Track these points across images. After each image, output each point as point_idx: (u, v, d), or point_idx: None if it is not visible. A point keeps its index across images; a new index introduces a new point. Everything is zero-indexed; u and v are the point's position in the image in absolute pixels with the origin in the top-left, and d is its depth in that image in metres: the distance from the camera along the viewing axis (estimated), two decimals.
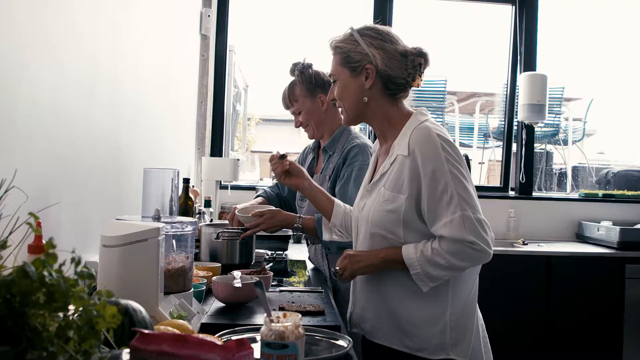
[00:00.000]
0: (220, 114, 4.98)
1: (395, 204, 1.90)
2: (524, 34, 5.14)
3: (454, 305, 1.91)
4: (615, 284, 4.34)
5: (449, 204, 1.81)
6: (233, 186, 4.65)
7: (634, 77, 5.91)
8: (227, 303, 2.08)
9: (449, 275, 1.87)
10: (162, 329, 1.44)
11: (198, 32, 4.49)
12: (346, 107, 2.06)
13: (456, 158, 1.86)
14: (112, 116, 2.37)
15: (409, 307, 1.93)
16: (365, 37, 1.99)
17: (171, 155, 3.62)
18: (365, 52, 1.97)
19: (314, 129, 2.97)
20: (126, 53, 2.54)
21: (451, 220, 1.80)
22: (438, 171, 1.83)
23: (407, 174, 1.88)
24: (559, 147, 6.02)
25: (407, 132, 1.92)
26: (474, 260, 1.85)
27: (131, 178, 2.64)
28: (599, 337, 4.33)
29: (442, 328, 1.90)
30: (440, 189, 1.82)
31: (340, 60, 2.02)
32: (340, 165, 2.83)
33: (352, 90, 2.02)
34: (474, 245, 1.80)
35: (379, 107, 2.02)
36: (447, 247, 1.81)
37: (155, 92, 3.11)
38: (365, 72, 1.98)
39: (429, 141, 1.86)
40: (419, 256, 1.84)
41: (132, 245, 1.61)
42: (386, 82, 1.98)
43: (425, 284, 1.87)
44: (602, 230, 4.67)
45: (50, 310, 1.02)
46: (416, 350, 1.92)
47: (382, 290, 1.98)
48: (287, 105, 2.99)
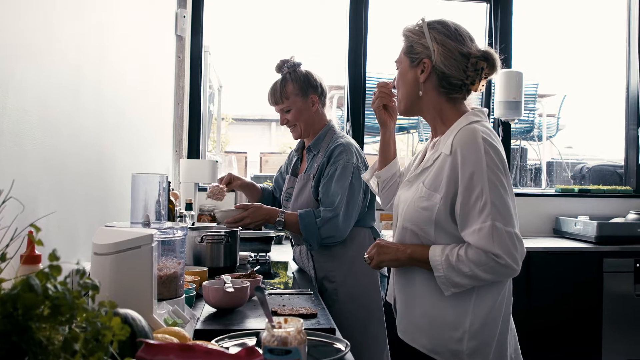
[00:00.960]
0: (196, 115, 4.94)
1: (429, 202, 1.88)
2: (499, 32, 5.18)
3: (475, 315, 1.88)
4: (594, 278, 4.39)
5: (481, 212, 1.78)
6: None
7: (605, 73, 5.99)
8: (218, 308, 2.06)
9: (472, 284, 1.84)
10: (159, 337, 1.42)
11: (173, 33, 4.45)
12: (401, 96, 2.04)
13: (498, 165, 1.81)
14: (95, 121, 2.33)
15: (431, 307, 1.93)
16: (432, 30, 1.96)
17: (151, 159, 3.58)
18: (427, 46, 1.94)
19: (302, 129, 2.96)
20: (108, 56, 2.50)
21: (480, 228, 1.78)
22: (476, 175, 1.79)
23: (446, 173, 1.85)
24: (533, 143, 6.07)
25: (454, 131, 1.89)
26: (496, 273, 1.81)
27: (114, 183, 2.60)
28: (579, 330, 4.38)
29: (461, 336, 1.87)
30: (475, 194, 1.79)
31: (405, 48, 2.02)
32: (324, 164, 2.83)
33: (408, 80, 2.00)
34: (499, 259, 1.77)
35: (432, 101, 1.99)
36: (472, 256, 1.79)
37: (136, 95, 3.07)
38: (422, 65, 1.96)
39: (473, 144, 1.82)
40: (444, 260, 1.83)
41: (125, 253, 1.59)
42: (441, 79, 1.95)
43: (447, 288, 1.86)
44: (579, 225, 4.72)
45: (56, 323, 1.00)
46: (431, 351, 1.92)
47: (411, 284, 2.00)
48: (277, 101, 2.94)
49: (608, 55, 5.90)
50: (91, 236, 2.14)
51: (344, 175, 2.76)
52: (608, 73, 5.91)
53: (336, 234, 2.73)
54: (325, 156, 2.84)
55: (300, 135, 3.01)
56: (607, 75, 5.93)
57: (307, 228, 2.73)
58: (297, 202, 2.92)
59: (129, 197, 2.58)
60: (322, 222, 2.71)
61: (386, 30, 5.36)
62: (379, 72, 5.21)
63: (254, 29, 5.95)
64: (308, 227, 2.73)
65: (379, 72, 5.21)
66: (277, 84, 2.94)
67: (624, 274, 4.42)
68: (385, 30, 5.32)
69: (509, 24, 5.19)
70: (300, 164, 3.12)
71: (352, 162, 2.79)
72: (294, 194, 2.96)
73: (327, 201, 2.74)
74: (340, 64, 5.12)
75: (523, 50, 5.32)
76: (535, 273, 4.33)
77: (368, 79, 5.09)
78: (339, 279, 2.80)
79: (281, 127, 3.05)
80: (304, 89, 2.91)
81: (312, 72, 2.95)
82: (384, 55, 5.29)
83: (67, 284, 1.01)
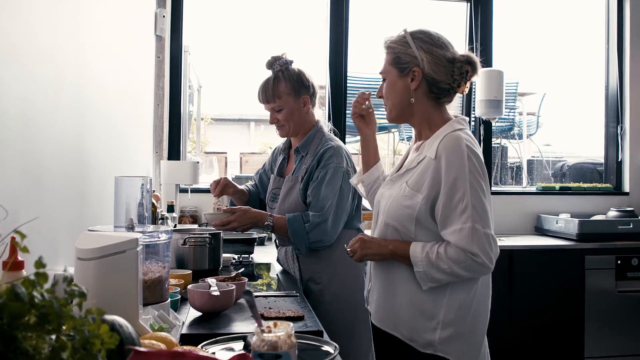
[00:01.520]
0: (176, 116, 4.90)
1: (412, 201, 1.99)
2: (480, 31, 5.19)
3: (448, 307, 2.00)
4: (576, 275, 4.42)
5: (462, 213, 1.90)
6: (193, 189, 4.58)
7: (584, 71, 6.02)
8: (203, 312, 2.04)
9: (449, 280, 1.96)
10: (146, 344, 1.40)
11: (153, 33, 4.41)
12: (391, 105, 2.14)
13: (479, 171, 1.95)
14: (76, 122, 2.30)
15: (410, 299, 2.04)
16: (416, 40, 2.06)
17: (132, 160, 3.54)
18: (414, 55, 2.05)
19: (291, 129, 2.90)
20: (88, 57, 2.47)
21: (461, 229, 1.90)
22: (459, 180, 1.92)
23: (429, 176, 1.97)
24: (513, 141, 6.09)
25: (439, 137, 2.01)
26: (473, 271, 1.94)
27: (95, 185, 2.57)
28: (561, 327, 4.41)
29: (435, 326, 2.00)
30: (457, 196, 1.91)
31: (391, 60, 2.11)
32: (314, 167, 2.80)
33: (398, 90, 2.10)
34: (476, 258, 1.89)
35: (421, 107, 2.10)
36: (451, 255, 1.91)
37: (116, 96, 3.03)
38: (412, 74, 2.06)
39: (457, 150, 1.94)
40: (424, 257, 1.95)
41: (110, 258, 1.55)
42: (431, 85, 2.06)
43: (425, 283, 1.98)
44: (561, 223, 4.75)
45: (43, 332, 0.97)
46: (408, 339, 2.04)
47: (391, 277, 2.10)
48: (269, 100, 2.86)
49: (587, 53, 5.93)
50: (72, 240, 2.11)
51: (334, 179, 2.74)
52: (587, 71, 5.94)
53: (324, 238, 2.72)
54: (315, 159, 2.80)
55: (288, 135, 2.97)
56: (586, 74, 5.96)
57: (296, 233, 2.71)
58: (284, 203, 2.88)
59: (109, 200, 2.55)
60: (310, 227, 2.69)
61: (367, 29, 5.35)
62: (360, 71, 5.20)
63: (233, 28, 5.91)
64: (297, 232, 2.71)
65: (360, 72, 5.20)
66: (269, 82, 2.86)
67: (605, 271, 4.45)
68: (366, 30, 5.31)
69: (489, 23, 5.21)
70: (286, 164, 3.07)
71: (342, 167, 2.76)
72: (281, 196, 2.91)
73: (317, 205, 2.72)
74: (321, 63, 5.11)
75: (503, 49, 5.32)
76: (518, 271, 4.34)
77: (349, 78, 5.08)
78: (325, 280, 2.78)
79: (260, 126, 3.02)
80: (296, 89, 2.85)
81: (304, 71, 2.90)
82: (365, 54, 5.28)
83: (54, 292, 0.98)
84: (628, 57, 5.33)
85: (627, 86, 5.33)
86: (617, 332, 4.46)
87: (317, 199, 2.72)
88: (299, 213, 2.74)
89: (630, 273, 4.48)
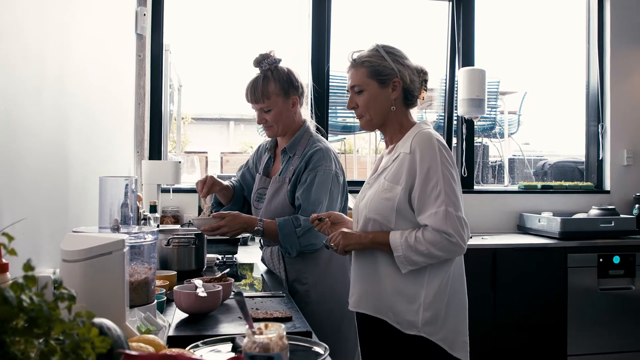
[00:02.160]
0: (158, 115, 4.85)
1: (392, 193, 2.16)
2: (462, 30, 5.19)
3: (427, 290, 2.17)
4: (559, 273, 4.45)
5: (436, 198, 2.09)
6: (175, 189, 4.54)
7: (565, 70, 6.05)
8: (190, 313, 2.01)
9: (427, 262, 2.12)
10: (134, 347, 1.37)
11: (134, 31, 4.36)
12: (372, 114, 2.30)
13: (450, 161, 2.15)
14: (58, 120, 2.26)
15: (392, 284, 2.19)
16: (390, 54, 2.27)
17: (114, 160, 3.50)
18: (392, 67, 2.25)
19: (279, 130, 2.86)
20: (71, 55, 2.43)
21: (436, 212, 2.08)
22: (432, 169, 2.11)
23: (405, 168, 2.15)
24: (494, 140, 6.11)
25: (411, 135, 2.22)
26: (449, 251, 2.11)
27: (77, 185, 2.53)
28: (544, 325, 4.43)
29: (417, 308, 2.16)
30: (431, 184, 2.10)
31: (368, 72, 2.27)
32: (301, 169, 2.76)
33: (381, 100, 2.27)
34: (451, 238, 2.07)
35: (397, 114, 2.30)
36: (428, 237, 2.08)
37: (98, 95, 2.99)
38: (392, 85, 2.26)
39: (429, 144, 2.14)
40: (403, 242, 2.11)
41: (96, 259, 1.52)
42: (406, 94, 2.29)
43: (404, 266, 2.13)
44: (543, 221, 4.76)
45: (32, 337, 0.95)
46: (394, 322, 2.18)
47: (372, 265, 2.24)
48: (257, 100, 2.80)
49: (568, 52, 5.96)
50: (55, 241, 2.08)
51: (325, 182, 2.71)
52: (568, 70, 5.97)
53: (316, 241, 2.69)
54: (303, 160, 2.76)
55: (276, 136, 2.93)
56: (567, 73, 5.99)
57: (287, 237, 2.67)
58: (270, 204, 2.84)
59: (91, 200, 2.51)
60: (302, 231, 2.65)
61: (349, 28, 5.33)
62: (342, 70, 5.18)
63: (213, 26, 5.87)
64: (288, 236, 2.67)
65: (342, 71, 5.19)
66: (258, 82, 2.80)
67: (587, 269, 4.48)
68: (348, 28, 5.30)
69: (471, 22, 5.22)
70: (272, 164, 3.02)
71: (332, 169, 2.74)
72: (268, 197, 2.87)
73: (308, 209, 2.67)
74: (303, 62, 5.09)
75: (484, 48, 5.33)
76: (501, 269, 4.36)
77: (332, 77, 5.06)
78: (311, 280, 2.76)
79: (240, 126, 2.98)
80: (285, 89, 2.80)
81: (293, 70, 2.85)
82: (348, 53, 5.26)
83: (43, 295, 0.95)
84: (609, 56, 5.37)
85: (607, 85, 5.36)
86: (600, 330, 4.49)
87: (307, 203, 2.69)
88: (289, 217, 2.71)
89: (612, 271, 4.52)
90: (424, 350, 2.16)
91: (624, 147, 5.35)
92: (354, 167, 6.19)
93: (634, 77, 5.40)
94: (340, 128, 5.57)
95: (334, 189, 2.75)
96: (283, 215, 2.75)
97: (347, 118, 5.59)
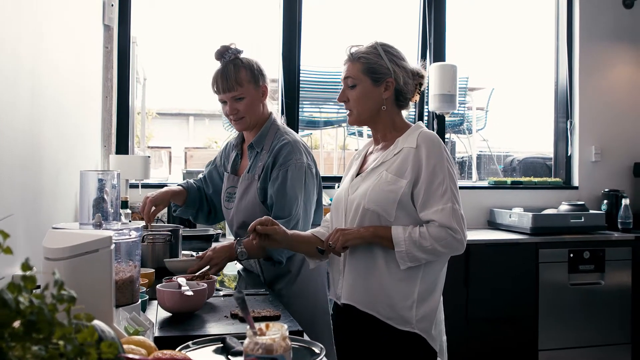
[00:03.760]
0: (125, 109, 4.73)
1: (396, 186, 2.13)
2: (433, 25, 5.17)
3: (421, 286, 2.16)
4: (530, 268, 4.46)
5: (443, 195, 2.08)
6: (144, 185, 4.43)
7: (533, 67, 6.08)
8: (174, 312, 1.94)
9: (428, 259, 2.12)
10: (126, 349, 1.30)
11: (101, 22, 4.24)
12: (361, 110, 2.27)
13: (452, 161, 2.17)
14: (31, 114, 2.16)
15: (387, 280, 2.16)
16: (387, 53, 2.24)
17: (84, 155, 3.39)
18: (387, 67, 2.23)
19: (251, 122, 2.73)
20: (45, 46, 2.33)
21: (443, 209, 2.07)
22: (438, 166, 2.11)
23: (411, 162, 2.13)
24: (461, 136, 6.11)
25: (414, 133, 2.21)
26: (452, 248, 2.10)
27: (50, 180, 2.43)
28: (516, 320, 4.44)
29: (411, 304, 2.14)
30: (438, 181, 2.09)
31: (363, 69, 2.24)
32: (270, 164, 2.65)
33: (372, 98, 2.25)
34: (456, 234, 2.07)
35: (388, 114, 2.28)
36: (433, 233, 2.06)
37: (69, 88, 2.89)
38: (385, 84, 2.24)
39: (435, 143, 2.15)
40: (407, 237, 2.08)
41: (82, 257, 1.44)
42: (398, 95, 2.27)
43: (404, 262, 2.10)
44: (514, 217, 4.77)
45: (32, 342, 0.87)
46: (386, 318, 2.15)
47: (368, 261, 2.19)
48: (230, 88, 2.65)
49: (536, 49, 5.99)
50: (31, 238, 1.99)
51: (298, 178, 2.61)
52: (536, 67, 6.00)
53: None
54: (271, 155, 2.66)
55: (246, 128, 2.78)
56: (536, 70, 6.02)
57: (274, 249, 2.53)
58: (241, 203, 2.74)
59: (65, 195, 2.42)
60: None
61: (320, 22, 5.28)
62: (312, 64, 5.13)
63: (181, 18, 5.75)
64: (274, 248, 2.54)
65: (312, 65, 5.13)
66: (228, 69, 2.66)
67: (558, 264, 4.50)
68: (319, 22, 5.24)
69: (442, 18, 5.20)
70: (240, 161, 2.90)
71: (303, 162, 2.65)
72: (238, 195, 2.77)
73: (284, 210, 2.58)
74: (273, 56, 5.01)
75: (453, 44, 5.32)
76: (474, 264, 4.35)
77: (302, 71, 5.00)
78: (288, 279, 2.69)
79: (204, 120, 2.88)
80: (256, 77, 2.69)
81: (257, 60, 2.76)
82: (318, 47, 5.21)
83: (44, 298, 0.88)
84: (578, 52, 5.40)
85: (576, 81, 5.40)
86: (570, 324, 4.52)
87: (283, 203, 2.59)
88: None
89: (582, 266, 4.54)
90: (414, 346, 2.15)
91: (592, 143, 5.39)
92: (320, 163, 6.14)
93: (602, 74, 5.44)
94: (306, 123, 5.49)
95: (309, 182, 2.67)
96: (254, 213, 2.59)
97: (314, 113, 5.53)
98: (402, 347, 2.15)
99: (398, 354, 2.16)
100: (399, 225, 2.12)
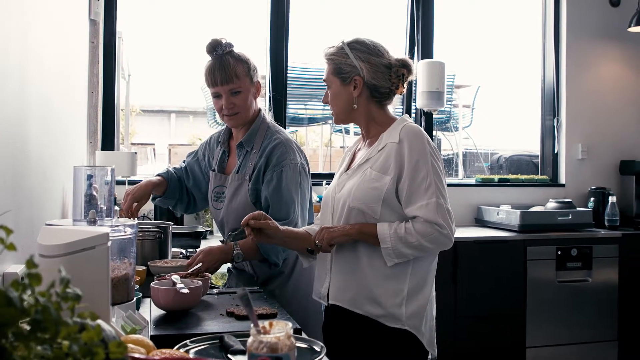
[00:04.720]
0: (110, 105, 4.68)
1: (380, 183, 2.12)
2: (421, 22, 5.16)
3: (411, 284, 2.14)
4: (518, 265, 4.47)
5: (427, 190, 2.06)
6: (130, 181, 4.38)
7: (519, 65, 6.09)
8: (168, 310, 1.90)
9: (415, 254, 2.10)
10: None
11: (87, 17, 4.18)
12: (337, 111, 2.29)
13: (437, 155, 2.15)
14: (20, 109, 2.11)
15: (375, 278, 2.14)
16: (354, 50, 2.22)
17: (70, 151, 3.34)
18: (354, 65, 2.21)
19: (244, 118, 2.67)
20: (30, 39, 2.28)
21: (427, 204, 2.05)
22: (421, 161, 2.08)
23: (393, 158, 2.12)
24: (448, 133, 6.11)
25: (398, 127, 2.19)
26: (439, 243, 2.08)
27: (38, 176, 2.38)
28: (504, 317, 4.45)
29: (400, 301, 2.13)
30: (421, 176, 2.07)
31: (332, 70, 2.25)
32: (262, 165, 2.59)
33: (343, 97, 2.25)
34: (442, 229, 2.04)
35: (366, 111, 2.27)
36: (419, 228, 2.04)
37: (55, 83, 2.83)
38: (353, 83, 2.22)
39: (418, 136, 2.13)
40: (392, 233, 2.07)
41: (78, 254, 1.42)
42: (372, 90, 2.24)
43: (391, 259, 2.09)
44: (502, 214, 4.77)
45: (38, 342, 0.84)
46: (377, 316, 2.14)
47: (355, 260, 2.18)
48: (229, 79, 2.57)
49: (523, 47, 5.99)
50: (21, 235, 1.95)
51: (293, 178, 2.57)
52: (523, 65, 6.00)
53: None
54: (263, 156, 2.60)
55: (240, 125, 2.71)
56: (522, 67, 6.02)
57: (270, 251, 2.53)
58: (231, 204, 2.67)
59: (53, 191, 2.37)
60: None
61: (308, 19, 5.25)
62: (301, 61, 5.10)
63: (167, 14, 5.70)
64: (270, 250, 2.53)
65: (300, 62, 5.11)
66: (226, 60, 2.58)
67: (546, 262, 4.51)
68: (307, 19, 5.21)
69: (430, 15, 5.19)
70: (227, 159, 2.83)
71: (297, 162, 2.59)
72: (228, 196, 2.69)
73: (282, 212, 2.53)
74: (260, 53, 4.97)
75: (440, 41, 5.31)
76: (462, 262, 4.35)
77: (290, 68, 4.97)
78: (281, 280, 2.65)
79: (184, 117, 2.81)
80: (251, 72, 2.65)
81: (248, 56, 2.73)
82: (306, 44, 5.18)
83: (50, 296, 0.85)
84: (564, 50, 5.41)
85: (563, 79, 5.41)
86: (558, 321, 4.53)
87: (279, 205, 2.54)
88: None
89: (570, 263, 4.56)
90: (404, 343, 2.15)
91: (579, 141, 5.41)
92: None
93: (589, 72, 5.46)
94: (291, 120, 5.45)
95: (304, 183, 2.63)
96: (245, 214, 2.46)
97: (299, 110, 5.50)
98: (392, 344, 2.14)
99: (388, 351, 2.15)
100: (385, 222, 2.11)
